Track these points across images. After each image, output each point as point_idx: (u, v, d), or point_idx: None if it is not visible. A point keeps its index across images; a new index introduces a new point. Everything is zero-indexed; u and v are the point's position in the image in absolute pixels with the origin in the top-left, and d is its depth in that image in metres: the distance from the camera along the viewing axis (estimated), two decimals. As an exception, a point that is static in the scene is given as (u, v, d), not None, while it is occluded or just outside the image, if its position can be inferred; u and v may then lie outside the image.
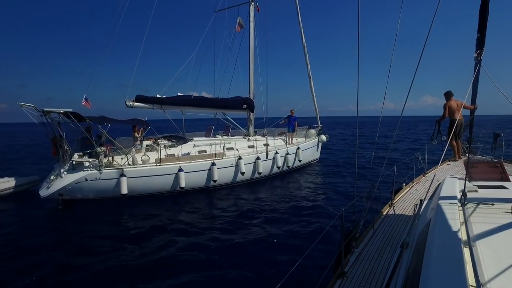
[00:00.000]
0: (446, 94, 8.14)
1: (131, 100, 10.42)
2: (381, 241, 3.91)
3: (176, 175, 9.44)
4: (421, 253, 1.87)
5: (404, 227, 4.22)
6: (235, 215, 7.76)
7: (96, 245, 6.12)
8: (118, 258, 5.54)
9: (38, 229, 6.98)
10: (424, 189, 5.99)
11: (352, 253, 3.63)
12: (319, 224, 6.83)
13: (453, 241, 1.80)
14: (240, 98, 12.73)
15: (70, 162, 8.58)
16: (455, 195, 2.64)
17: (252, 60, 13.18)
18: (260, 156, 11.39)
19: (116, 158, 9.03)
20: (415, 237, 2.56)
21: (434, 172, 7.06)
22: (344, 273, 3.18)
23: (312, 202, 8.69)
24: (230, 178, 10.73)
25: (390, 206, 5.17)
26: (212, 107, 11.95)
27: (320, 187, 10.61)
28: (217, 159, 10.24)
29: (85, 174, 8.48)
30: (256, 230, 6.65)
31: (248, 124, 13.46)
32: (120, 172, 8.69)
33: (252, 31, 13.07)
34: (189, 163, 9.72)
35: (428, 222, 2.36)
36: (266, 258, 5.33)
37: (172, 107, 11.21)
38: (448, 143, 5.01)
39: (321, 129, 15.95)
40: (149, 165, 9.22)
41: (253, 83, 13.32)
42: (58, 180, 8.42)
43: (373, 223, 4.38)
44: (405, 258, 2.46)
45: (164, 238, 6.38)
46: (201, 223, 7.26)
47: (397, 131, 6.56)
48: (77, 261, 5.45)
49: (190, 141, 10.93)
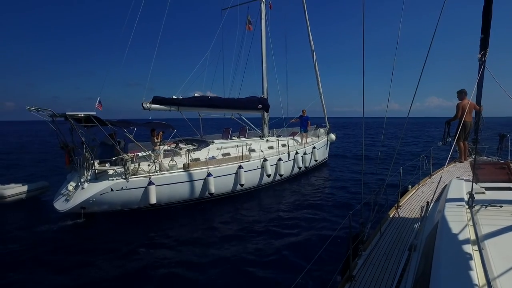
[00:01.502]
0: (460, 93, 7.75)
1: (148, 102, 9.70)
2: (389, 244, 3.92)
3: (205, 181, 8.89)
4: (429, 256, 1.86)
5: (411, 230, 4.22)
6: (263, 221, 7.59)
7: (133, 267, 5.43)
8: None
9: (60, 248, 6.22)
10: (430, 191, 5.95)
11: (360, 256, 3.62)
12: (328, 227, 6.92)
13: (462, 244, 1.78)
14: (255, 98, 12.35)
15: (93, 171, 7.77)
16: (462, 197, 2.62)
17: (265, 59, 12.86)
18: (282, 157, 11.10)
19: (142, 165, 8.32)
20: (423, 240, 2.55)
21: (440, 174, 7.03)
22: (353, 276, 3.16)
23: (322, 204, 8.81)
24: (255, 181, 10.34)
25: (397, 209, 5.16)
26: (229, 107, 11.47)
27: (328, 189, 10.75)
28: (243, 161, 9.81)
29: (110, 183, 7.71)
30: (270, 235, 6.64)
31: (263, 125, 13.11)
32: (148, 180, 8.01)
33: (264, 29, 12.74)
34: (217, 167, 9.21)
35: (435, 224, 2.33)
36: (278, 262, 5.44)
37: (190, 108, 10.61)
38: (454, 144, 4.97)
39: (330, 128, 16.00)
40: (176, 171, 8.60)
41: (266, 82, 12.99)
42: (80, 191, 7.59)
43: (380, 226, 4.37)
44: (414, 261, 2.45)
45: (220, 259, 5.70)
46: (240, 230, 6.96)
47: (404, 132, 6.66)
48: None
49: (212, 144, 10.40)
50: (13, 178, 10.57)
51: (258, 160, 10.29)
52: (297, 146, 12.58)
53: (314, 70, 15.30)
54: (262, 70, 12.90)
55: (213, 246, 6.23)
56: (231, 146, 10.45)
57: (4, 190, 8.88)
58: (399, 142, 7.37)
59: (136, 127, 8.55)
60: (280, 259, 5.57)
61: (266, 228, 7.09)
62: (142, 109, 9.56)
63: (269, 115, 13.00)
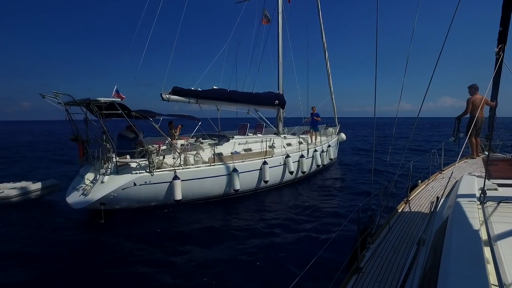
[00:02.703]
0: (471, 88, 7.60)
1: (167, 92, 9.10)
2: (397, 237, 3.92)
3: (230, 176, 8.37)
4: (438, 251, 1.86)
5: (420, 224, 4.21)
6: (283, 217, 7.30)
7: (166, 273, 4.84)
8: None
9: (80, 253, 5.52)
10: (440, 187, 5.89)
11: (367, 249, 3.63)
12: (337, 220, 6.97)
13: (472, 240, 1.77)
14: (272, 94, 11.96)
15: (114, 164, 7.09)
16: (473, 193, 2.58)
17: (281, 54, 12.52)
18: (304, 153, 10.73)
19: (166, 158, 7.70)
20: (432, 234, 2.55)
21: (451, 169, 6.99)
22: (360, 268, 3.18)
23: (332, 198, 8.89)
24: (278, 178, 9.89)
25: (406, 203, 5.14)
26: (247, 102, 11.01)
27: (339, 184, 10.76)
28: (267, 157, 9.35)
29: (133, 177, 7.06)
30: (283, 229, 6.55)
31: (278, 122, 12.69)
32: (173, 174, 7.40)
33: (281, 23, 12.43)
34: (242, 162, 8.70)
35: (445, 219, 2.32)
36: (286, 253, 5.41)
37: (208, 101, 10.07)
38: (466, 140, 4.87)
39: (340, 128, 15.84)
40: (202, 165, 8.03)
41: (282, 79, 12.64)
42: (99, 186, 6.90)
43: (389, 220, 4.35)
44: (422, 255, 2.46)
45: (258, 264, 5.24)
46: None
47: (416, 132, 6.69)
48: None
49: (232, 139, 9.89)
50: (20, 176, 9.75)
51: (281, 156, 9.86)
52: (315, 143, 12.25)
53: (326, 69, 15.15)
54: (278, 66, 12.55)
55: (247, 246, 5.76)
56: (251, 141, 9.97)
57: (11, 190, 8.08)
58: (409, 140, 7.24)
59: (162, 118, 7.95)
60: (288, 250, 5.52)
61: (285, 223, 6.93)
62: (161, 100, 8.96)
63: (285, 112, 12.62)
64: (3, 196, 8.05)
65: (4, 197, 8.05)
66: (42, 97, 6.91)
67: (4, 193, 8.08)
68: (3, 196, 8.04)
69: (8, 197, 8.06)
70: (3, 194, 8.06)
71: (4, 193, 8.09)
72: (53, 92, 6.50)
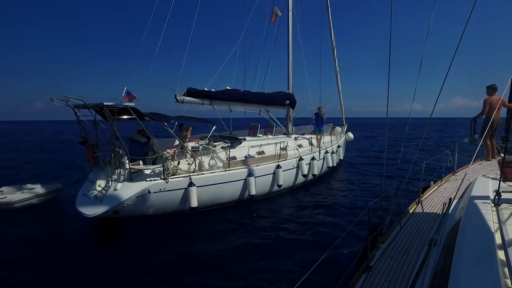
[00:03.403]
0: (489, 88, 7.43)
1: (182, 94, 8.76)
2: (408, 237, 3.90)
3: (245, 181, 8.13)
4: (450, 252, 1.84)
5: (431, 225, 4.19)
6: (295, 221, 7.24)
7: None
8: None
9: (91, 261, 5.30)
10: (453, 188, 5.82)
11: (378, 248, 3.63)
12: (347, 219, 7.05)
13: (486, 242, 1.74)
14: (283, 93, 11.66)
15: (128, 171, 6.80)
16: (487, 195, 2.55)
17: (291, 53, 12.18)
18: (315, 155, 10.52)
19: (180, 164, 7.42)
20: (444, 235, 2.54)
21: (465, 171, 6.92)
22: (370, 267, 3.17)
23: (342, 198, 8.97)
24: (291, 181, 9.67)
25: (418, 204, 5.10)
26: (259, 102, 10.71)
27: (348, 185, 10.73)
28: (281, 160, 9.11)
29: (148, 185, 6.77)
30: (294, 228, 6.69)
31: (287, 122, 12.43)
32: (188, 180, 7.14)
33: (291, 21, 12.06)
34: (257, 167, 8.46)
35: (458, 221, 2.30)
36: (294, 251, 5.47)
37: (222, 102, 9.76)
38: (481, 141, 4.82)
39: (348, 127, 15.63)
40: (217, 171, 7.77)
41: (292, 78, 12.33)
42: (112, 193, 6.60)
43: (400, 220, 4.33)
44: (433, 256, 2.44)
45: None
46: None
47: (428, 132, 6.64)
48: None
49: (243, 141, 9.62)
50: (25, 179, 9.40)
51: (294, 159, 9.63)
52: (326, 144, 12.03)
53: (334, 67, 14.87)
54: (288, 65, 12.22)
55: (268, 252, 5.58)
56: (264, 143, 9.72)
57: (14, 195, 7.71)
58: (421, 141, 7.10)
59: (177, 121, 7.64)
60: (297, 248, 5.62)
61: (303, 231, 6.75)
62: (175, 102, 8.63)
63: (294, 112, 12.36)
64: (6, 201, 7.63)
65: (7, 202, 7.63)
66: (50, 100, 6.55)
67: (6, 198, 7.67)
68: (5, 201, 7.62)
69: (11, 202, 7.64)
70: (6, 199, 7.65)
71: (7, 198, 7.67)
72: (64, 97, 6.15)
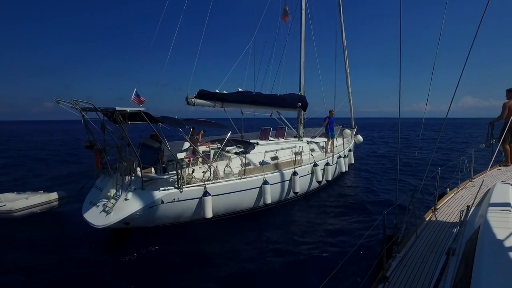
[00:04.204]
0: (510, 92, 7.15)
1: (193, 96, 8.31)
2: (425, 247, 3.82)
3: (261, 189, 7.73)
4: (470, 262, 1.81)
5: (449, 234, 4.13)
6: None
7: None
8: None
9: (101, 277, 4.92)
10: (471, 195, 5.73)
11: (394, 257, 3.57)
12: (361, 226, 6.87)
13: (506, 250, 1.69)
14: (295, 96, 11.25)
15: (140, 179, 6.37)
16: (507, 201, 2.51)
17: (304, 53, 11.77)
18: (329, 160, 10.14)
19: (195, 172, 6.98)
20: (462, 244, 2.50)
21: (482, 177, 6.75)
22: (386, 277, 3.11)
23: (355, 205, 8.72)
24: (305, 187, 9.29)
25: (434, 212, 5.03)
26: (271, 105, 10.30)
27: (362, 191, 10.42)
28: (297, 166, 8.72)
29: (161, 194, 6.33)
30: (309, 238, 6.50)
31: (298, 124, 12.04)
32: (203, 189, 6.72)
33: (304, 20, 11.63)
34: (272, 174, 8.06)
35: (477, 229, 2.27)
36: (309, 261, 5.39)
37: (233, 104, 9.32)
38: (499, 146, 4.65)
39: (357, 129, 15.29)
40: (232, 178, 7.35)
41: (303, 79, 11.92)
42: (123, 203, 6.16)
43: (416, 228, 4.25)
44: (452, 265, 2.39)
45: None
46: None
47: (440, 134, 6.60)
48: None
49: (256, 145, 9.21)
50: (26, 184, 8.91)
51: (309, 165, 9.24)
52: (338, 148, 11.66)
53: (344, 68, 14.49)
54: (300, 66, 11.81)
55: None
56: (278, 148, 9.31)
57: (14, 203, 7.20)
58: (436, 144, 6.77)
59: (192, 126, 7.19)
60: (313, 257, 5.55)
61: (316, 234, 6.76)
62: (186, 104, 8.19)
63: (306, 114, 11.97)
64: (5, 210, 7.08)
65: (7, 211, 7.09)
66: (57, 102, 6.08)
67: (6, 206, 7.12)
68: (5, 209, 7.08)
69: (11, 211, 7.10)
70: (5, 208, 7.10)
71: (7, 206, 7.13)
72: (72, 100, 5.69)
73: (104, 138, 7.20)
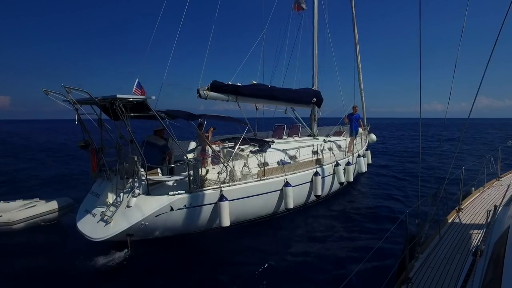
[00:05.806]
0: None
1: (205, 88, 7.38)
2: (449, 247, 3.71)
3: (281, 192, 6.80)
4: (499, 263, 1.74)
5: (475, 235, 4.00)
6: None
7: None
8: None
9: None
10: (498, 195, 5.59)
11: (416, 258, 3.46)
12: (382, 226, 6.62)
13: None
14: (310, 91, 10.42)
15: (145, 183, 5.39)
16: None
17: (316, 46, 10.96)
18: (350, 160, 9.26)
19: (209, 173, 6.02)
20: (491, 245, 2.40)
21: (510, 176, 6.69)
22: (409, 278, 3.03)
23: (376, 205, 8.37)
24: (327, 189, 8.41)
25: (458, 212, 4.89)
26: (286, 100, 9.42)
27: (382, 191, 10.04)
28: (318, 166, 7.81)
29: (170, 200, 5.40)
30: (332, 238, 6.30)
31: (312, 122, 11.18)
32: (218, 193, 5.76)
33: (316, 11, 10.82)
34: (294, 174, 7.14)
35: (506, 229, 2.18)
36: (333, 258, 5.33)
37: (248, 98, 8.45)
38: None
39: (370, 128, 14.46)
40: (250, 180, 6.41)
41: (317, 74, 11.08)
42: (124, 211, 5.22)
43: (439, 228, 4.14)
44: (480, 267, 2.30)
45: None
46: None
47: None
48: None
49: (272, 143, 8.29)
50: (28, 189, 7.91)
51: (330, 164, 8.35)
52: (356, 147, 10.78)
53: (356, 63, 13.67)
54: (313, 60, 11.01)
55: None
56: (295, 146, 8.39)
57: (13, 213, 6.37)
58: (459, 143, 6.14)
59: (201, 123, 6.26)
60: (335, 256, 5.45)
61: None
62: (198, 97, 7.28)
63: (320, 111, 11.10)
64: (3, 221, 6.26)
65: (5, 222, 6.27)
66: (45, 94, 5.13)
67: (2, 217, 6.29)
68: (2, 221, 6.26)
69: (9, 223, 6.28)
70: (3, 219, 6.28)
71: (4, 217, 6.30)
72: (63, 87, 4.73)
73: (102, 136, 6.23)
